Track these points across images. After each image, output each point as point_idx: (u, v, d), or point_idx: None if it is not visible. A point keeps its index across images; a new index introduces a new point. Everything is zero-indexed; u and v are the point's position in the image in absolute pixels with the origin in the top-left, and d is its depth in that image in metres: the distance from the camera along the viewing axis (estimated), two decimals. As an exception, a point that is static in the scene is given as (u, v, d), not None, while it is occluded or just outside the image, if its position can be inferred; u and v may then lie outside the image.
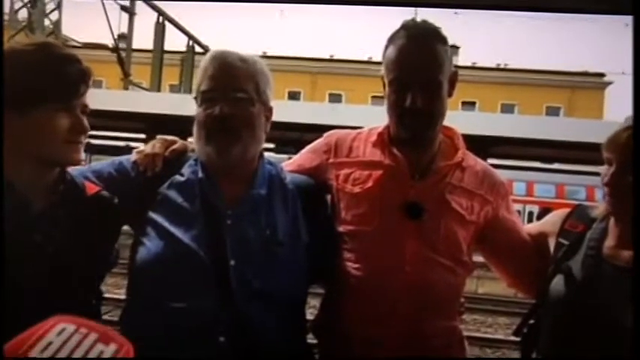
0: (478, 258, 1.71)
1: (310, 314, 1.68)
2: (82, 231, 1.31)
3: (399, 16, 1.61)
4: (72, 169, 1.36)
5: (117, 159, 1.56)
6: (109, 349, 0.87)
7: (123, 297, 1.59)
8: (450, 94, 1.58)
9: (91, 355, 0.85)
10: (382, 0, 1.38)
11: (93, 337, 0.87)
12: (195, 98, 1.51)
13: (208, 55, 1.52)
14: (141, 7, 13.58)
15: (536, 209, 16.99)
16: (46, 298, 1.22)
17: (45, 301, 1.20)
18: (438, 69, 1.52)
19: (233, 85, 1.47)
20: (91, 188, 1.39)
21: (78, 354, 0.85)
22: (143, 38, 13.83)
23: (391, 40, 1.57)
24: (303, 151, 1.74)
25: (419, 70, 1.51)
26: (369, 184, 1.58)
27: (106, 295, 1.43)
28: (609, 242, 1.48)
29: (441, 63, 1.53)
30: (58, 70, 1.26)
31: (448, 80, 1.56)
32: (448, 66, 1.55)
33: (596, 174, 1.52)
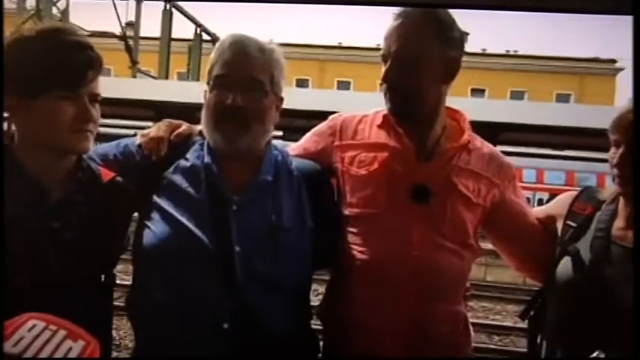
0: (486, 245, 1.70)
1: (317, 301, 1.68)
2: (98, 217, 1.32)
3: (407, 2, 1.59)
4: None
5: (122, 141, 1.55)
6: (77, 345, 0.93)
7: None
8: (445, 80, 1.57)
9: (61, 349, 0.92)
10: (383, 0, 1.36)
11: (62, 334, 0.93)
12: (208, 82, 1.49)
13: (227, 39, 1.49)
14: (148, -5, 13.53)
15: (546, 196, 16.87)
16: (63, 283, 1.23)
17: (62, 286, 1.22)
18: (413, 45, 1.51)
19: (249, 75, 1.45)
20: (107, 174, 1.39)
21: (48, 349, 0.91)
22: (151, 26, 13.81)
23: None
24: (308, 134, 1.72)
25: (392, 44, 1.53)
26: (375, 166, 1.57)
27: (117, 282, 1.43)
28: (618, 223, 1.46)
29: (418, 40, 1.52)
30: (63, 58, 1.23)
31: (440, 64, 1.54)
32: (434, 47, 1.53)
33: (607, 161, 1.49)
